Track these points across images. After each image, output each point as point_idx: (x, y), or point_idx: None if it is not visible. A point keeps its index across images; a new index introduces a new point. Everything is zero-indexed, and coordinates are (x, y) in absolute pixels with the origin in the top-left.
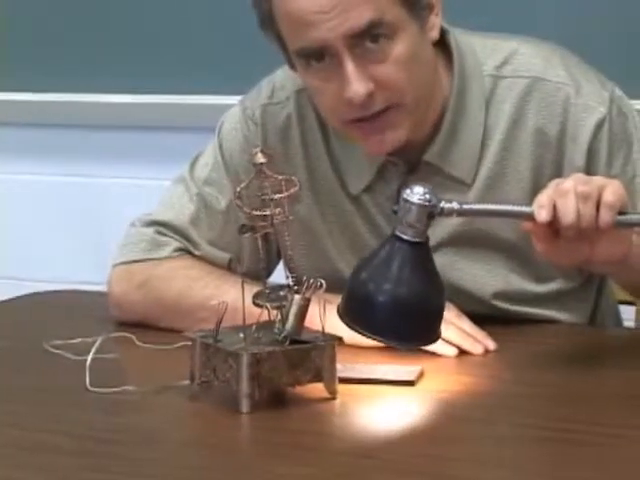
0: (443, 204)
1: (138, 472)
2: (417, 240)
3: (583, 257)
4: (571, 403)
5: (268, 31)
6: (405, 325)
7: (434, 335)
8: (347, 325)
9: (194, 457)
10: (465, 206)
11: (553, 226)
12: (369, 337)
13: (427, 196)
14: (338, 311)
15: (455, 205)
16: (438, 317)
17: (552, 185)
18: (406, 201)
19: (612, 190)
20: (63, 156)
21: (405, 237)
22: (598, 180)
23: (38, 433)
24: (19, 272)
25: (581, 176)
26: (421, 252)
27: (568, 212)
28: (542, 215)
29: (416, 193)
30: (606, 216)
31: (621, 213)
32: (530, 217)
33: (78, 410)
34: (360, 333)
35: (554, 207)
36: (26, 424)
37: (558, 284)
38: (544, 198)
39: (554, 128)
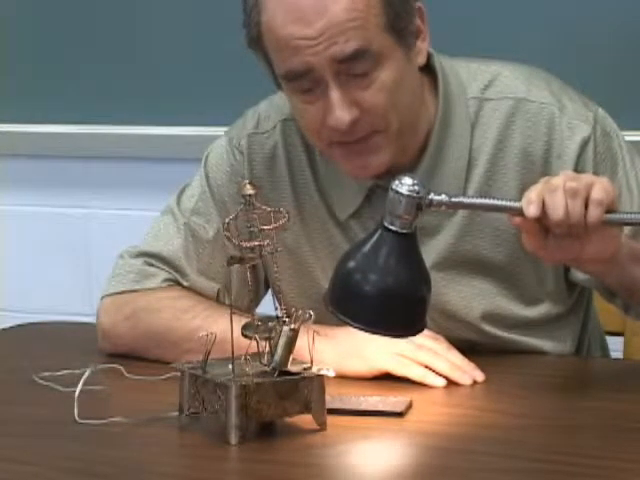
0: (432, 196)
1: None
2: (405, 231)
3: (572, 255)
4: (561, 435)
5: (256, 51)
6: (391, 315)
7: (420, 325)
8: (333, 314)
9: None
10: (454, 199)
11: (542, 222)
12: (354, 327)
13: (416, 187)
14: (324, 300)
15: (444, 197)
16: (424, 308)
17: (541, 181)
18: (395, 192)
19: (601, 187)
20: (52, 187)
21: (393, 228)
22: (587, 177)
23: (26, 466)
24: (6, 303)
25: (570, 173)
26: (408, 243)
27: (557, 208)
28: (531, 210)
29: (405, 184)
30: (594, 213)
31: (610, 212)
32: (519, 212)
33: (66, 442)
34: (346, 322)
35: (543, 203)
36: (14, 456)
37: (546, 307)
38: (533, 194)
39: (540, 147)
